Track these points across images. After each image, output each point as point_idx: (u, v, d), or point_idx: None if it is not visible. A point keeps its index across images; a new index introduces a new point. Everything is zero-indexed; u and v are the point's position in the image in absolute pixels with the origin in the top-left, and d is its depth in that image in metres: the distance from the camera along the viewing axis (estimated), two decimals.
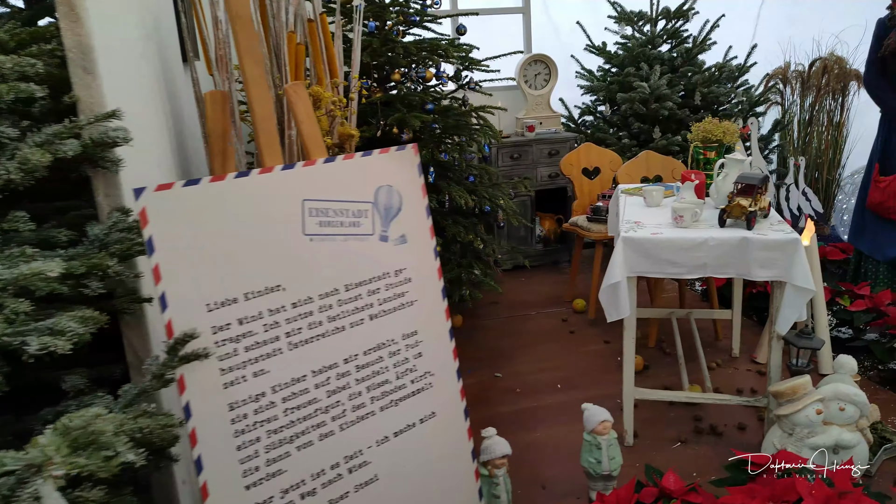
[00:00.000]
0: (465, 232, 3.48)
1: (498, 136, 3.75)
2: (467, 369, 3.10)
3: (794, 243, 2.18)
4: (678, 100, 4.45)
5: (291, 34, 1.96)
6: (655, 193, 2.65)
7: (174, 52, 2.31)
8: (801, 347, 2.22)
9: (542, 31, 5.02)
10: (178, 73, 2.27)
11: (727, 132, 2.75)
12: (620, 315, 2.36)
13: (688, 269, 2.29)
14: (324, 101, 2.22)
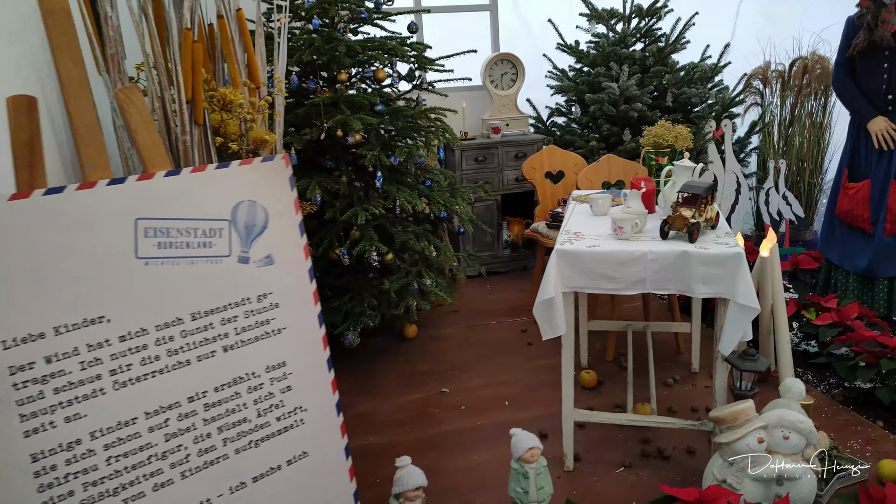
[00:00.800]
0: (417, 239, 3.33)
1: (455, 138, 3.59)
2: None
3: (736, 258, 2.02)
4: (649, 101, 4.29)
5: (187, 32, 1.80)
6: (602, 202, 2.50)
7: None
8: (744, 370, 2.06)
9: (511, 30, 4.86)
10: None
11: (679, 137, 2.59)
12: (555, 333, 2.20)
13: (625, 284, 2.13)
14: (234, 105, 2.07)
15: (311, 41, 3.09)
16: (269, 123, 2.46)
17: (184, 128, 1.81)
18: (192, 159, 1.86)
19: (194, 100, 1.86)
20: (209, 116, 1.98)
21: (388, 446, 2.62)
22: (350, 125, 2.96)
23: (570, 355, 2.28)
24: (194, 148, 1.90)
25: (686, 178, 2.41)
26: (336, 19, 3.20)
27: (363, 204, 3.10)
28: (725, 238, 2.17)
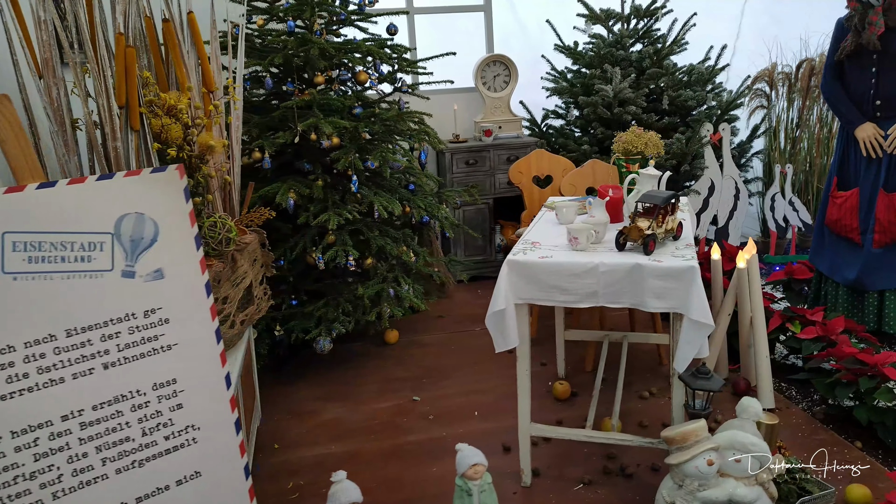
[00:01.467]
0: (395, 244, 3.30)
1: (437, 141, 3.54)
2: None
3: (690, 272, 1.94)
4: (644, 104, 4.18)
5: (119, 36, 1.78)
6: (566, 210, 2.42)
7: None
8: (696, 389, 1.98)
9: (507, 31, 4.79)
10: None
11: (649, 143, 2.51)
12: (508, 345, 2.14)
13: (578, 297, 2.07)
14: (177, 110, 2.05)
15: (284, 43, 3.07)
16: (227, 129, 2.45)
17: (114, 133, 1.79)
18: (126, 165, 1.85)
19: (129, 105, 1.84)
20: (150, 122, 1.96)
21: (348, 456, 2.58)
22: (321, 129, 2.93)
23: (526, 368, 2.22)
24: (131, 154, 1.88)
25: (651, 186, 2.33)
26: (312, 20, 3.17)
27: (337, 208, 3.07)
28: (684, 250, 2.09)
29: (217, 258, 2.24)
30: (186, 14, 2.20)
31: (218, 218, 2.21)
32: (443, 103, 4.53)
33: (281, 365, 3.36)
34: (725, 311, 2.79)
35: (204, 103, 2.30)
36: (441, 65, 4.55)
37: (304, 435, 2.75)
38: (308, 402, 3.02)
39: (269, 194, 2.96)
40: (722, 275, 2.88)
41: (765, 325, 2.70)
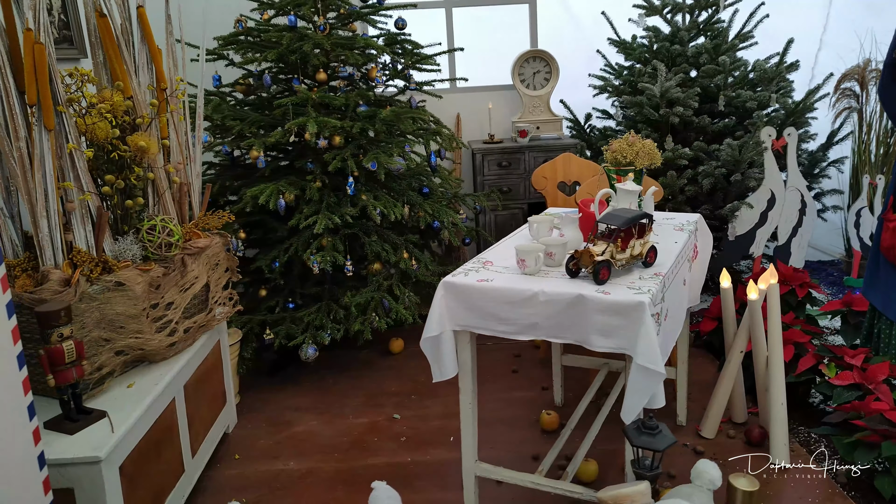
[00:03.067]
0: (394, 250, 3.13)
1: (450, 143, 3.33)
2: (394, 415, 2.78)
3: (638, 308, 1.64)
4: (694, 105, 3.75)
5: (28, 32, 1.73)
6: (537, 225, 2.14)
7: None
8: (637, 445, 1.67)
9: (556, 24, 4.47)
10: None
11: (641, 153, 2.18)
12: (444, 376, 1.92)
13: (517, 328, 1.81)
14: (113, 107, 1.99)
15: (278, 39, 2.97)
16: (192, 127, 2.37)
17: (16, 133, 1.74)
18: (41, 165, 1.80)
19: (41, 103, 1.79)
20: (76, 121, 1.91)
21: (301, 475, 2.45)
22: (309, 128, 2.81)
23: (469, 402, 1.98)
24: (45, 154, 1.83)
25: (629, 203, 2.02)
26: (310, 14, 3.05)
27: (330, 211, 2.95)
28: (648, 281, 1.77)
29: (160, 262, 2.17)
30: (136, 8, 2.13)
31: (159, 221, 2.13)
32: (477, 102, 4.31)
33: (276, 370, 3.29)
34: (737, 348, 2.40)
35: (161, 103, 2.24)
36: (478, 60, 4.34)
37: (270, 447, 2.65)
38: (288, 411, 2.92)
39: (247, 195, 2.87)
40: (734, 305, 2.48)
41: (782, 367, 2.29)
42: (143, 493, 1.92)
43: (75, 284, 1.87)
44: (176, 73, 2.29)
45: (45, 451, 1.63)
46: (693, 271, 2.36)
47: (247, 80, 3.18)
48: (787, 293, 3.15)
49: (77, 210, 1.94)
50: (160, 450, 2.06)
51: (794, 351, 2.63)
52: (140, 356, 2.13)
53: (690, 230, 2.26)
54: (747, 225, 3.72)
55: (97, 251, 2.00)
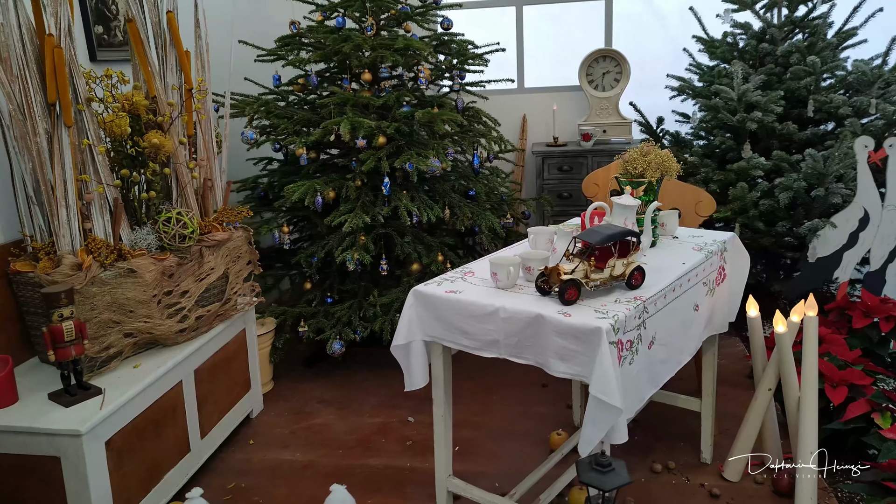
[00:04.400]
0: (427, 252, 3.12)
1: (494, 145, 3.26)
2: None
3: (594, 334, 1.51)
4: (776, 109, 3.42)
5: (49, 37, 1.88)
6: (537, 236, 2.05)
7: None
8: (584, 483, 1.53)
9: (636, 21, 4.24)
10: None
11: (651, 165, 2.01)
12: (412, 385, 1.89)
13: (480, 344, 1.74)
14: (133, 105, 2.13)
15: (324, 40, 3.04)
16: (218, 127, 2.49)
17: (33, 129, 1.90)
18: (52, 159, 1.96)
19: (61, 103, 1.94)
20: (92, 118, 2.06)
21: (302, 467, 2.51)
22: (343, 128, 2.86)
23: (442, 414, 1.94)
24: (65, 149, 1.99)
25: (624, 219, 1.87)
26: (358, 16, 3.10)
27: (365, 210, 2.98)
28: (621, 305, 1.63)
29: (176, 253, 2.30)
30: (165, 13, 2.26)
31: (174, 213, 2.26)
32: (544, 103, 4.19)
33: (314, 361, 3.38)
34: (764, 385, 2.16)
35: (187, 102, 2.37)
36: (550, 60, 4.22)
37: (285, 436, 2.73)
38: (312, 402, 3.00)
39: (294, 191, 2.96)
40: (763, 336, 2.23)
41: (814, 410, 2.04)
42: (136, 467, 2.05)
43: (86, 269, 2.02)
44: (203, 75, 2.40)
45: (40, 421, 1.80)
46: (718, 295, 2.15)
47: (301, 80, 3.28)
48: (867, 326, 2.80)
49: (95, 201, 2.09)
50: (160, 429, 2.18)
51: (848, 394, 2.33)
52: (151, 339, 2.27)
53: (711, 251, 2.06)
54: (832, 246, 3.33)
55: (113, 239, 2.15)
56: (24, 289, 2.11)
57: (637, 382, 1.68)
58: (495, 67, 4.26)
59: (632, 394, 1.66)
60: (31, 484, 1.87)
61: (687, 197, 2.81)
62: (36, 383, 2.08)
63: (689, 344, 1.98)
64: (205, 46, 2.39)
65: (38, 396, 1.99)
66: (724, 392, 2.87)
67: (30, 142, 1.91)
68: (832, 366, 2.36)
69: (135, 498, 2.04)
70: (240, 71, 3.55)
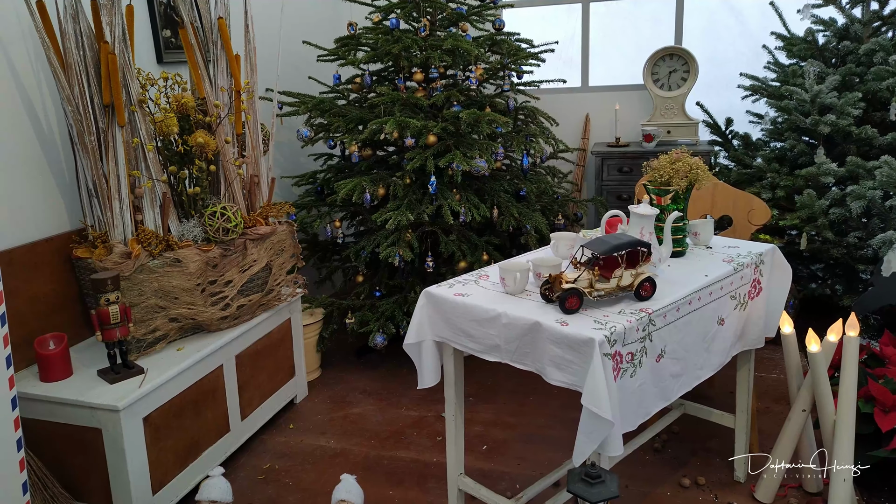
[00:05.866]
0: (471, 251, 3.15)
1: (543, 145, 3.24)
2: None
3: (587, 345, 1.50)
4: (854, 112, 3.19)
5: (104, 44, 2.05)
6: (559, 242, 2.03)
7: None
8: (573, 492, 1.51)
9: (712, 18, 4.06)
10: None
11: (679, 173, 1.95)
12: (424, 384, 1.93)
13: (484, 347, 1.75)
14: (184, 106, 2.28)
15: (374, 41, 3.11)
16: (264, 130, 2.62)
17: (89, 128, 2.07)
18: (107, 156, 2.13)
19: (114, 104, 2.11)
20: (144, 119, 2.22)
21: (336, 453, 2.61)
22: (389, 127, 2.93)
23: (454, 413, 1.97)
24: (118, 147, 2.16)
25: (640, 229, 1.83)
26: (411, 16, 3.15)
27: (411, 208, 3.05)
28: (624, 316, 1.60)
29: (221, 245, 2.44)
30: (216, 20, 2.39)
31: (219, 208, 2.40)
32: (608, 102, 4.09)
33: (363, 352, 3.49)
34: (798, 406, 2.05)
35: (236, 103, 2.50)
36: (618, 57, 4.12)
37: (324, 423, 2.85)
38: (354, 392, 3.10)
39: (343, 188, 3.06)
40: (798, 354, 2.10)
41: (851, 436, 1.92)
42: (173, 443, 2.20)
43: (135, 258, 2.19)
44: (252, 77, 2.53)
45: (86, 395, 1.98)
46: (752, 309, 2.06)
47: (358, 80, 3.37)
48: None
49: (146, 195, 2.26)
50: (200, 409, 2.34)
51: None
52: (195, 325, 2.43)
53: (743, 263, 1.97)
54: None
55: (162, 230, 2.31)
56: (84, 273, 2.31)
57: (640, 396, 1.65)
58: (560, 66, 4.23)
59: (632, 407, 1.62)
60: (77, 451, 2.05)
61: (739, 204, 2.69)
62: (91, 360, 2.28)
63: (713, 359, 1.91)
64: (253, 51, 2.51)
65: (89, 372, 2.17)
66: (775, 409, 2.74)
67: (86, 139, 2.09)
68: (885, 389, 2.20)
69: (172, 471, 2.20)
70: (307, 70, 3.70)
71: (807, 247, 3.23)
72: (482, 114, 2.95)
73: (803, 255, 3.47)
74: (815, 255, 3.34)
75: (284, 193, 3.75)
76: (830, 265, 3.47)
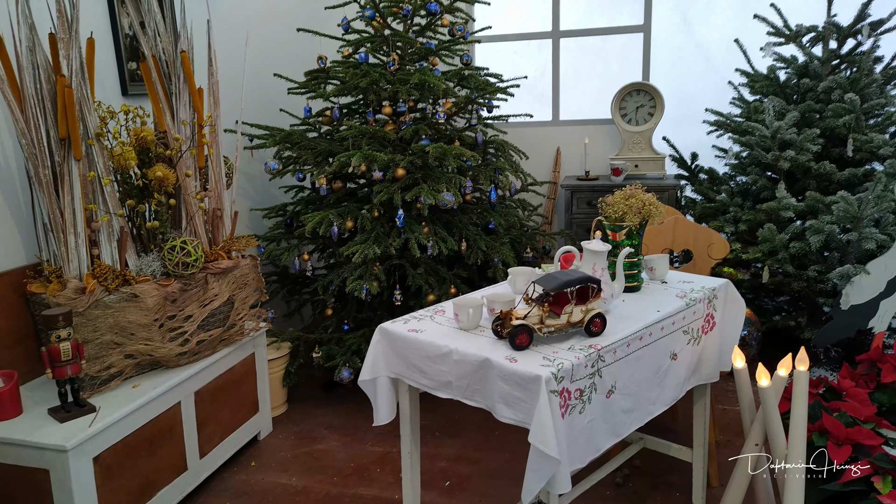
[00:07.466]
0: (439, 284, 3.15)
1: (509, 177, 3.27)
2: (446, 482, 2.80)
3: (534, 382, 1.50)
4: (813, 147, 3.27)
5: (61, 78, 2.06)
6: (517, 277, 2.04)
7: None
8: None
9: (678, 54, 4.15)
10: None
11: (632, 209, 1.97)
12: (379, 420, 1.91)
13: (436, 384, 1.74)
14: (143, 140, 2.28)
15: (342, 74, 3.15)
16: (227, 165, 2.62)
17: (44, 162, 2.07)
18: (62, 190, 2.12)
19: (71, 137, 2.11)
20: (102, 152, 2.22)
21: (296, 492, 2.57)
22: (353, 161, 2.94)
23: (409, 451, 1.95)
24: (74, 180, 2.15)
25: (592, 265, 1.84)
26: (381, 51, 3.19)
27: (378, 241, 3.05)
28: (573, 352, 1.61)
29: (181, 279, 2.42)
30: (179, 53, 2.41)
31: (179, 242, 2.39)
32: (578, 135, 4.16)
33: (331, 387, 3.46)
34: (751, 441, 2.05)
35: (198, 136, 2.51)
36: (589, 92, 4.20)
37: (286, 459, 2.80)
38: (320, 428, 3.06)
39: (310, 220, 3.06)
40: (750, 388, 2.11)
41: (801, 472, 1.92)
42: (126, 483, 2.15)
43: (89, 293, 2.16)
44: (215, 111, 2.54)
45: (34, 434, 1.93)
46: (706, 344, 2.07)
47: (328, 113, 3.40)
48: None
49: (103, 229, 2.24)
50: (155, 447, 2.29)
51: (853, 454, 2.17)
52: (152, 361, 2.40)
53: (695, 298, 1.99)
54: (868, 294, 3.13)
55: (120, 265, 2.30)
56: (38, 308, 2.28)
57: (590, 432, 1.64)
58: (531, 100, 4.29)
59: (581, 444, 1.62)
60: (26, 493, 2.00)
61: (699, 239, 2.72)
62: (43, 398, 2.23)
63: (666, 394, 1.92)
64: (216, 84, 2.53)
65: (40, 411, 2.13)
66: (737, 443, 2.74)
67: (41, 173, 2.08)
68: (839, 423, 2.21)
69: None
70: (280, 102, 3.72)
71: (769, 280, 3.28)
72: (449, 147, 2.98)
73: (767, 288, 3.51)
74: (778, 288, 3.38)
75: (255, 225, 3.74)
76: (794, 298, 3.51)
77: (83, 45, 2.17)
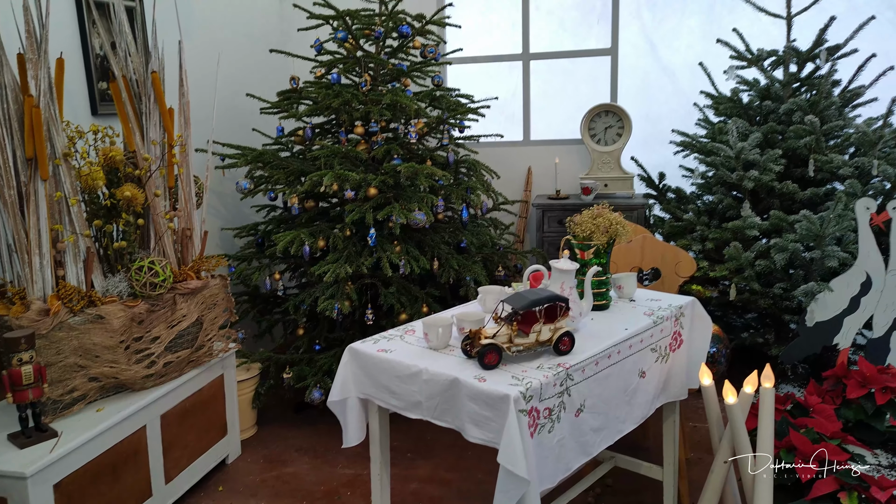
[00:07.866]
0: (411, 303, 3.15)
1: (474, 198, 3.29)
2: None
3: (503, 402, 1.50)
4: (775, 168, 3.36)
5: (28, 98, 2.03)
6: (486, 296, 2.05)
7: None
8: None
9: (645, 76, 4.25)
10: None
11: (600, 228, 2.00)
12: (348, 442, 1.89)
13: (405, 404, 1.74)
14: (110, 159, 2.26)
15: (315, 94, 3.16)
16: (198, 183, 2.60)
17: (9, 182, 2.03)
18: (28, 210, 2.08)
19: (37, 157, 2.08)
20: (69, 172, 2.19)
21: None
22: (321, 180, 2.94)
23: (379, 472, 1.93)
24: (40, 201, 2.12)
25: (561, 284, 1.86)
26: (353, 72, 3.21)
27: (350, 260, 3.04)
28: (541, 371, 1.62)
29: (148, 300, 2.39)
30: (150, 73, 2.40)
31: (147, 263, 2.36)
32: (548, 155, 4.21)
33: (302, 408, 3.42)
34: (720, 458, 2.08)
35: (168, 156, 2.49)
36: (559, 113, 4.27)
37: (255, 484, 2.75)
38: (290, 451, 3.02)
39: (282, 240, 3.05)
40: (718, 405, 2.15)
41: (769, 489, 1.94)
42: None
43: (53, 315, 2.12)
44: (185, 131, 2.53)
45: None
46: (674, 361, 2.10)
47: (301, 132, 3.40)
48: (863, 397, 2.67)
49: (69, 250, 2.21)
50: (119, 473, 2.24)
51: (818, 470, 2.21)
52: (117, 384, 2.35)
53: (662, 316, 2.02)
54: (832, 311, 3.20)
55: (85, 286, 2.26)
56: (0, 331, 2.22)
57: (559, 451, 1.65)
58: (503, 120, 4.34)
59: (551, 463, 1.62)
60: None
61: (667, 257, 2.77)
62: (2, 423, 2.17)
63: (635, 412, 1.93)
64: (187, 104, 2.52)
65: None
66: (707, 460, 2.76)
67: (6, 193, 2.04)
68: (806, 439, 2.25)
69: None
70: (253, 122, 3.71)
71: (736, 297, 3.33)
72: (420, 167, 3.00)
73: (736, 306, 3.57)
74: (745, 305, 3.44)
75: (226, 245, 3.71)
76: (762, 315, 3.58)
77: (52, 65, 2.15)
